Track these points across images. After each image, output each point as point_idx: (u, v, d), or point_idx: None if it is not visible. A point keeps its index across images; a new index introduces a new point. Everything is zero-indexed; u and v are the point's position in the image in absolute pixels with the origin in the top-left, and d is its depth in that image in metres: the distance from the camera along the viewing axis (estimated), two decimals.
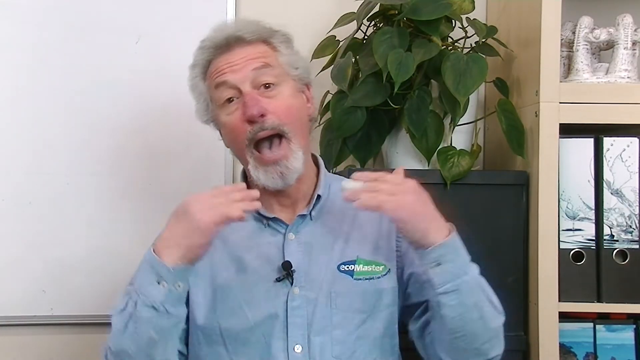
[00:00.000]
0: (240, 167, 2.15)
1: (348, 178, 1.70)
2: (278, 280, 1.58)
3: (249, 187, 1.63)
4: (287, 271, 1.58)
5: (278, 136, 1.56)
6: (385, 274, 1.63)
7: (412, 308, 1.65)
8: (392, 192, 1.45)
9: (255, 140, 1.55)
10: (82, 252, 2.22)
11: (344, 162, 2.12)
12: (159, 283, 1.44)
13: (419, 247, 1.48)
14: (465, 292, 1.47)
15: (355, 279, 1.61)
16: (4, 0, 2.19)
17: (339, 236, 1.63)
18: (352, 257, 1.62)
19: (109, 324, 1.61)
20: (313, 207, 1.64)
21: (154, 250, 1.46)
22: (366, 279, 1.62)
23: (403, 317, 1.69)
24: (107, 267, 2.22)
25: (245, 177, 1.68)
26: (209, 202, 1.43)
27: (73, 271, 2.22)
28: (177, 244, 1.44)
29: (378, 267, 1.63)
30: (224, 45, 1.59)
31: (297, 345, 1.56)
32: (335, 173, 1.91)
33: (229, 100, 1.57)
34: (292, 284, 1.58)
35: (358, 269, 1.62)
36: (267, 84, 1.57)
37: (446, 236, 1.47)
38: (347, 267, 1.62)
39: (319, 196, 1.64)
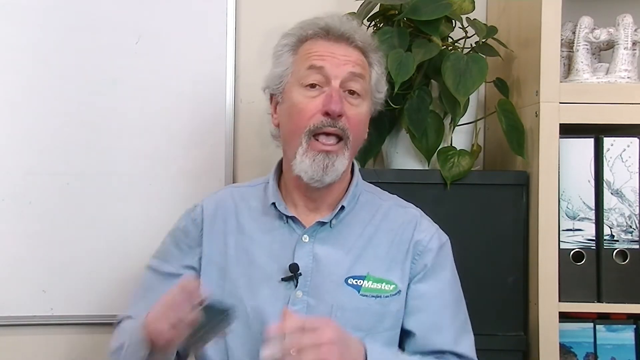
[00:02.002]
0: (241, 167, 2.23)
1: None
2: (283, 280, 1.59)
3: (279, 183, 1.68)
4: (293, 273, 1.59)
5: (338, 138, 1.58)
6: (395, 294, 1.61)
7: None
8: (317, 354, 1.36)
9: (319, 132, 1.57)
10: (82, 252, 2.23)
11: None
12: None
13: None
14: None
15: (361, 295, 1.60)
16: (4, 0, 2.20)
17: (353, 250, 1.63)
18: (362, 273, 1.61)
19: (109, 324, 1.65)
20: (335, 216, 1.64)
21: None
22: (373, 296, 1.60)
23: None
24: (107, 267, 2.23)
25: (279, 169, 1.70)
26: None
27: (73, 271, 2.22)
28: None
29: (388, 285, 1.61)
30: (334, 34, 1.60)
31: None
32: None
33: (312, 85, 1.58)
34: (296, 286, 1.59)
35: (366, 285, 1.60)
36: (353, 91, 1.59)
37: None
38: (355, 282, 1.60)
39: (342, 207, 1.64)
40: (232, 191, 1.73)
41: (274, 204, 1.63)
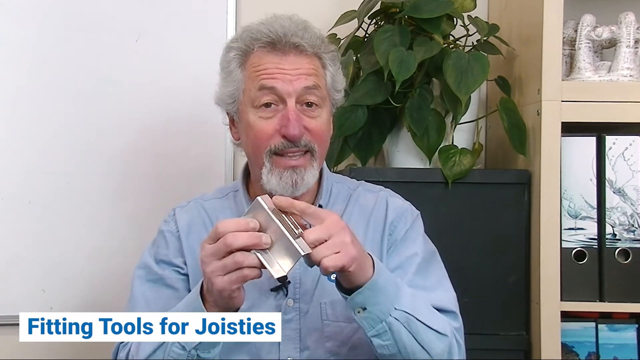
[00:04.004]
0: (241, 167, 2.12)
1: (350, 177, 1.75)
2: (272, 290, 1.59)
3: (248, 187, 1.68)
4: (282, 282, 1.57)
5: (303, 151, 1.56)
6: None
7: None
8: (337, 245, 1.36)
9: (280, 153, 1.55)
10: (82, 251, 2.24)
11: (345, 161, 2.14)
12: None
13: (345, 291, 1.43)
14: (397, 329, 1.43)
15: None
16: (4, 0, 2.21)
17: None
18: None
19: None
20: None
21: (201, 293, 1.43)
22: None
23: None
24: (107, 267, 2.24)
25: (246, 176, 1.69)
26: (221, 265, 1.35)
27: (73, 271, 2.23)
28: (213, 301, 1.42)
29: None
30: (281, 45, 1.55)
31: (290, 358, 1.57)
32: (336, 172, 1.92)
33: (267, 104, 1.54)
34: (286, 295, 1.59)
35: None
36: (311, 102, 1.56)
37: (371, 274, 1.41)
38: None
39: (320, 206, 1.64)
40: (200, 205, 1.70)
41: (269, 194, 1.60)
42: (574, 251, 1.96)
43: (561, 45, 1.95)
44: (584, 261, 1.95)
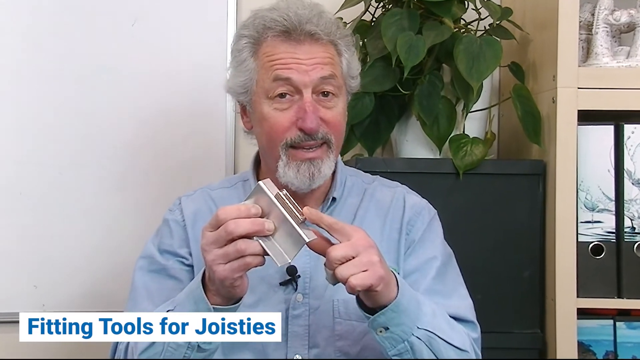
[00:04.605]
0: (243, 156, 2.23)
1: (355, 167, 1.75)
2: (282, 284, 1.58)
3: (259, 177, 1.66)
4: (292, 276, 1.57)
5: (320, 143, 1.56)
6: None
7: None
8: (364, 263, 1.35)
9: (297, 146, 1.54)
10: (76, 246, 2.22)
11: (352, 151, 2.13)
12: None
13: (368, 310, 1.43)
14: (418, 347, 1.43)
15: None
16: None
17: None
18: None
19: None
20: (326, 209, 1.63)
21: (202, 284, 1.43)
22: None
23: None
24: (103, 262, 2.23)
25: (257, 164, 1.69)
26: (223, 253, 1.34)
27: (66, 266, 2.22)
28: (215, 290, 1.41)
29: None
30: (296, 34, 1.53)
31: (297, 355, 1.56)
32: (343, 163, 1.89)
33: (282, 94, 1.53)
34: (295, 290, 1.58)
35: None
36: (327, 92, 1.54)
37: (395, 293, 1.41)
38: None
39: (334, 198, 1.64)
40: (207, 194, 1.70)
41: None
42: (590, 245, 1.94)
43: (577, 30, 1.93)
44: (602, 256, 1.94)
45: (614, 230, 1.94)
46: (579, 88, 1.91)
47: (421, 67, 1.99)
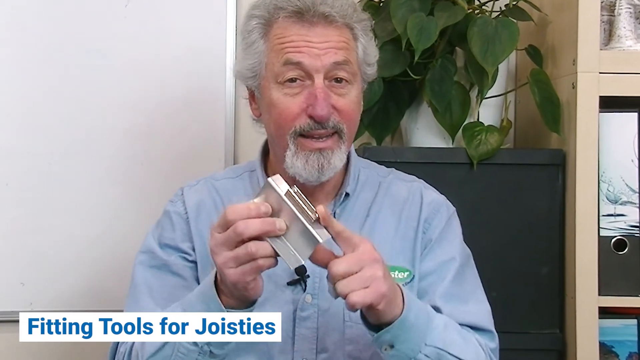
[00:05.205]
0: (243, 146, 2.23)
1: (364, 158, 1.73)
2: (289, 284, 1.55)
3: (266, 167, 1.64)
4: (301, 276, 1.54)
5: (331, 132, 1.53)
6: (410, 281, 1.57)
7: None
8: (366, 279, 1.32)
9: (307, 135, 1.51)
10: (67, 241, 2.19)
11: (359, 139, 2.11)
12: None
13: (372, 327, 1.40)
14: None
15: None
16: None
17: (361, 235, 1.56)
18: None
19: None
20: (339, 204, 1.60)
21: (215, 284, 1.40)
22: None
23: None
24: (96, 258, 2.20)
25: (265, 154, 1.65)
26: (233, 256, 1.31)
27: (56, 262, 2.19)
28: (228, 292, 1.38)
29: (402, 273, 1.57)
30: (309, 16, 1.49)
31: None
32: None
33: (292, 79, 1.50)
34: (304, 290, 1.54)
35: None
36: (340, 78, 1.51)
37: (401, 309, 1.38)
38: None
39: (346, 194, 1.61)
40: (211, 185, 1.67)
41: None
42: (613, 240, 1.92)
43: (599, 11, 1.91)
44: (625, 251, 1.91)
45: (638, 224, 1.92)
46: (600, 73, 1.90)
47: (433, 50, 1.98)
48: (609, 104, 1.90)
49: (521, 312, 1.95)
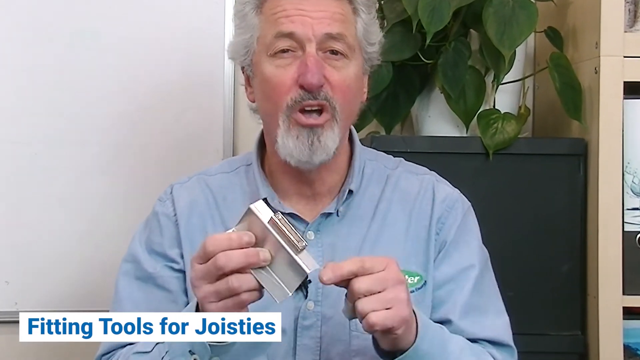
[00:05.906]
0: (242, 135, 2.20)
1: (370, 147, 1.69)
2: None
3: (263, 160, 1.59)
4: (302, 282, 1.47)
5: (324, 109, 1.48)
6: (421, 287, 1.51)
7: None
8: (388, 300, 1.28)
9: (299, 107, 1.45)
10: (53, 237, 2.17)
11: (367, 128, 2.09)
12: (191, 354, 1.37)
13: (383, 353, 1.38)
14: None
15: None
16: None
17: (368, 237, 1.53)
18: None
19: None
20: (342, 203, 1.54)
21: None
22: None
23: None
24: (84, 256, 2.18)
25: (261, 147, 1.60)
26: (214, 291, 1.28)
27: (42, 260, 2.17)
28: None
29: (413, 278, 1.51)
30: None
31: None
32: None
33: (284, 50, 1.46)
34: (305, 296, 1.48)
35: None
36: (335, 50, 1.46)
37: (414, 335, 1.35)
38: None
39: (350, 192, 1.54)
40: (204, 181, 1.62)
41: (265, 199, 1.50)
42: (638, 235, 1.88)
43: None
44: None
45: None
46: (624, 57, 1.87)
47: (446, 32, 1.95)
48: (634, 89, 1.88)
49: (540, 312, 1.93)
